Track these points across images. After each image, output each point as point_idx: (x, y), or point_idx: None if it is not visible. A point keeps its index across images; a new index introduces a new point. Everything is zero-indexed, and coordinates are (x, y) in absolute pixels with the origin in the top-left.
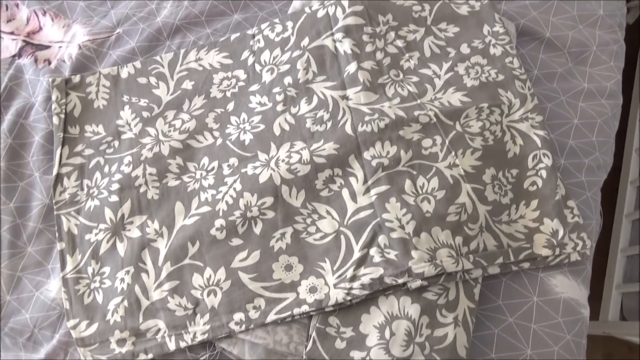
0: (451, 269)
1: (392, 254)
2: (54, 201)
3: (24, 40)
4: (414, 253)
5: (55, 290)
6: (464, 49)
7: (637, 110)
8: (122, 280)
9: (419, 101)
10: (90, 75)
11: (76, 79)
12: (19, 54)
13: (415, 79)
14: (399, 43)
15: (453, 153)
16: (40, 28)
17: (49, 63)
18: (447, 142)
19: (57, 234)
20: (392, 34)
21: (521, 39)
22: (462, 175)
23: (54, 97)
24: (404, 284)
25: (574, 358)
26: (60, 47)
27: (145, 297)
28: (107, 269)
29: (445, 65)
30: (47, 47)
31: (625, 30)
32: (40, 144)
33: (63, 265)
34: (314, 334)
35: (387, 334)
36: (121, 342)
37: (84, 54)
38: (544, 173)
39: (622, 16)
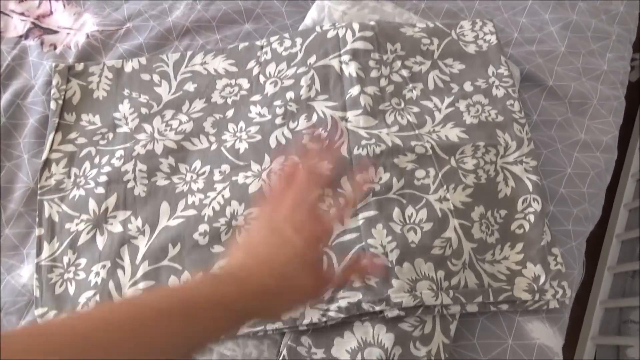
0: (430, 302)
1: (372, 280)
2: (38, 186)
3: (32, 23)
4: (394, 282)
5: (27, 276)
6: (467, 86)
7: (629, 167)
8: (97, 274)
9: (417, 132)
10: (94, 65)
11: (79, 66)
12: (25, 35)
13: (416, 109)
14: (404, 73)
15: (445, 187)
16: (51, 12)
17: (55, 48)
18: (440, 175)
19: (37, 219)
20: (398, 63)
21: (524, 84)
22: (451, 210)
23: (54, 82)
24: (381, 311)
25: None
26: (68, 33)
27: (119, 294)
28: (83, 261)
29: (447, 100)
30: (55, 32)
31: (627, 87)
32: (34, 127)
33: (39, 252)
34: (284, 352)
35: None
36: None
37: (91, 43)
38: (532, 217)
39: (625, 74)
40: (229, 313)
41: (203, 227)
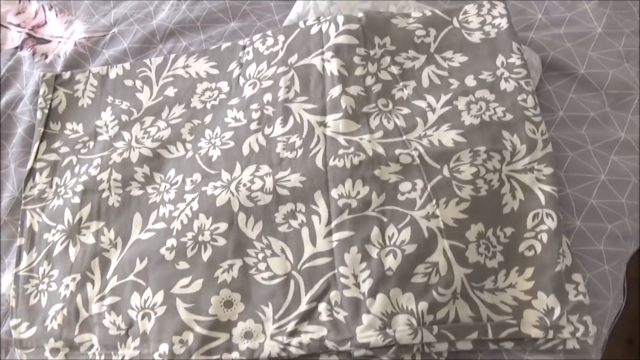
0: (405, 341)
1: (341, 315)
2: (23, 195)
3: (27, 33)
4: (364, 317)
5: (5, 285)
6: (469, 81)
7: None
8: (67, 286)
9: (404, 137)
10: (80, 73)
11: (66, 75)
12: (20, 46)
13: (405, 110)
14: (394, 70)
15: (434, 202)
16: (45, 22)
17: (46, 57)
18: (429, 187)
19: (19, 229)
20: (387, 59)
21: (548, 74)
22: (440, 228)
23: (41, 91)
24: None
25: None
26: (59, 42)
27: (85, 308)
28: (56, 272)
29: (444, 98)
30: (48, 41)
31: None
32: (21, 136)
33: (18, 262)
34: None
35: None
36: (54, 351)
37: (78, 51)
38: (544, 237)
39: None
40: None
41: (170, 242)
